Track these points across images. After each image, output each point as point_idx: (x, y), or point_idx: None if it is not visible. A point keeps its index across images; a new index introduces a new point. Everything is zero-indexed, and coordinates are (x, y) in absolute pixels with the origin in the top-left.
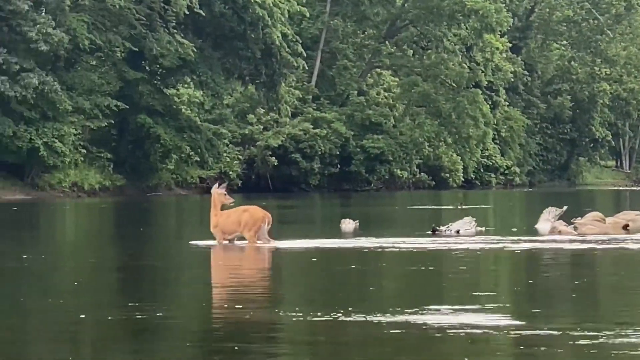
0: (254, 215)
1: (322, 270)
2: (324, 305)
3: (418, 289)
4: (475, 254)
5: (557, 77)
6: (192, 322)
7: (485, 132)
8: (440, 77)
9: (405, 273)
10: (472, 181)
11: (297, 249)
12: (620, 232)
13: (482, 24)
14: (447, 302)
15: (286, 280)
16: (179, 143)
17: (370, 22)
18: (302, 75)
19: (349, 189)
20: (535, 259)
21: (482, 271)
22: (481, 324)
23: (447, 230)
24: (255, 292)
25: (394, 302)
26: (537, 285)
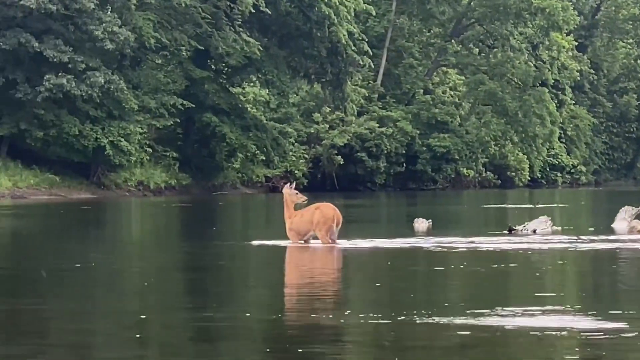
0: (325, 214)
1: (398, 270)
2: (393, 306)
3: (499, 289)
4: (557, 253)
5: (623, 76)
6: (259, 325)
7: (552, 130)
8: (507, 75)
9: (490, 273)
10: (538, 180)
11: (368, 249)
12: None
13: (549, 22)
14: (524, 303)
15: (357, 282)
16: (244, 142)
17: (436, 21)
18: (368, 74)
19: (414, 188)
20: (615, 259)
21: (563, 271)
22: (559, 326)
23: (524, 229)
24: (323, 294)
25: (474, 303)
26: (617, 286)
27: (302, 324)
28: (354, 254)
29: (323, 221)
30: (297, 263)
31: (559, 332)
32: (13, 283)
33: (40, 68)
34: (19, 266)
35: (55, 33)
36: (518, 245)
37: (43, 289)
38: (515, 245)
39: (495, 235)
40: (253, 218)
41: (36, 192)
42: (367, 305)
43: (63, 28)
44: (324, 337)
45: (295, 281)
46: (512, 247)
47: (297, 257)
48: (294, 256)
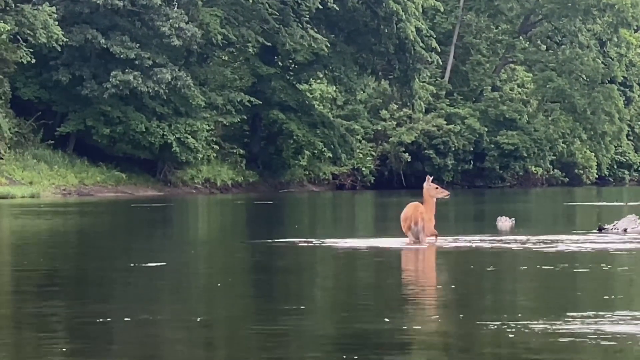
0: (404, 213)
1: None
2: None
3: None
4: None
5: None
6: (325, 329)
7: (621, 128)
8: (575, 72)
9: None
10: (605, 178)
11: (456, 248)
12: None
13: (618, 18)
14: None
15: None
16: (311, 139)
17: (504, 17)
18: (435, 71)
19: (482, 186)
20: None
21: None
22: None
23: (614, 228)
24: (423, 297)
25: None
26: None
27: (370, 329)
28: (447, 255)
29: (402, 220)
30: (377, 264)
31: None
32: (80, 284)
33: (107, 64)
34: (87, 265)
35: (121, 29)
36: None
37: (112, 291)
38: (621, 245)
39: (586, 234)
40: (324, 215)
41: (102, 190)
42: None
43: (130, 24)
44: (389, 342)
45: (358, 284)
46: (620, 246)
47: (372, 258)
48: (371, 257)
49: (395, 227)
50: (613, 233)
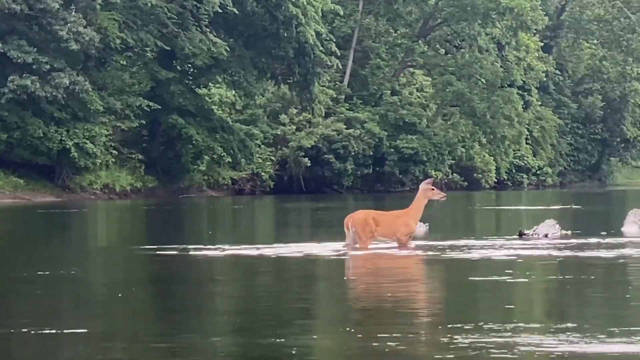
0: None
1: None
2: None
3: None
4: (596, 261)
5: (588, 77)
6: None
7: (520, 132)
8: (475, 76)
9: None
10: (504, 182)
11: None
12: None
13: (518, 22)
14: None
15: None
16: (211, 144)
17: (403, 21)
18: (335, 75)
19: (382, 190)
20: None
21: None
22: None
23: (534, 234)
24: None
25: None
26: None
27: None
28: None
29: (362, 224)
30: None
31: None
32: None
33: (4, 69)
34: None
35: (19, 33)
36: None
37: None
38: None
39: (508, 240)
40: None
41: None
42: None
43: (27, 28)
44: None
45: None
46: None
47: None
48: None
49: (302, 233)
50: (534, 238)
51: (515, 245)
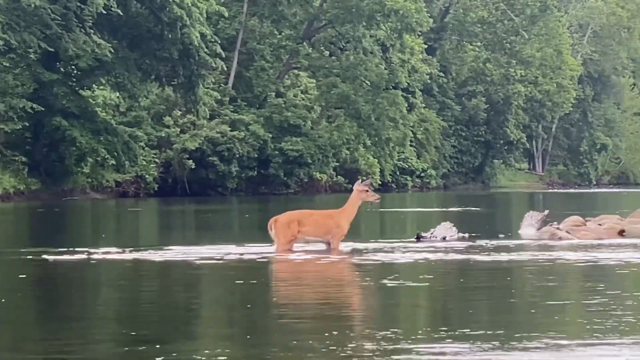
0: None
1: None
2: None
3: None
4: (505, 265)
5: (471, 79)
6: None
7: (405, 134)
8: (359, 78)
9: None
10: (388, 184)
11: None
12: (617, 237)
13: (402, 24)
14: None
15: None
16: (95, 146)
17: (287, 23)
18: (219, 77)
19: (267, 192)
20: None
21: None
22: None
23: (432, 236)
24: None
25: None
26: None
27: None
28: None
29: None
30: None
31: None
32: None
33: None
34: None
35: None
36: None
37: None
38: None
39: (406, 243)
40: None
41: None
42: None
43: None
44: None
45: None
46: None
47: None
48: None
49: (186, 235)
50: (431, 241)
51: (415, 248)
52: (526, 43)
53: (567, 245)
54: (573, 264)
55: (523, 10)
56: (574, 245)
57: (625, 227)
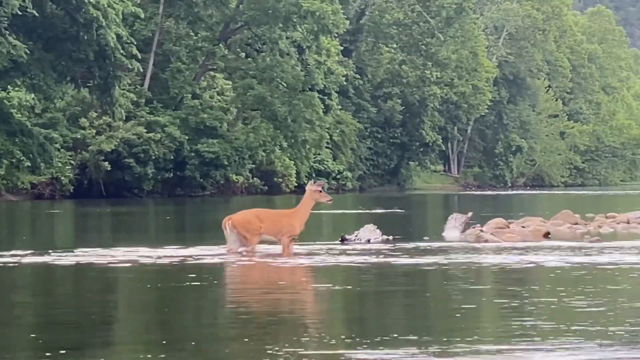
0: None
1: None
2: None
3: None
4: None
5: (387, 81)
6: None
7: (321, 136)
8: (276, 79)
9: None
10: (304, 186)
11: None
12: (542, 239)
13: (319, 25)
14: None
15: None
16: (10, 147)
17: (203, 24)
18: (135, 78)
19: (183, 194)
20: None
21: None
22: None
23: (357, 239)
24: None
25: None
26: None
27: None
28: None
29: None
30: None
31: None
32: None
33: None
34: None
35: None
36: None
37: None
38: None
39: (331, 245)
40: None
41: None
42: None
43: None
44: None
45: None
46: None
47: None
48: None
49: (104, 237)
50: (356, 243)
51: (342, 250)
52: (442, 45)
53: (494, 248)
54: (499, 266)
55: (439, 12)
56: (500, 248)
57: (550, 229)
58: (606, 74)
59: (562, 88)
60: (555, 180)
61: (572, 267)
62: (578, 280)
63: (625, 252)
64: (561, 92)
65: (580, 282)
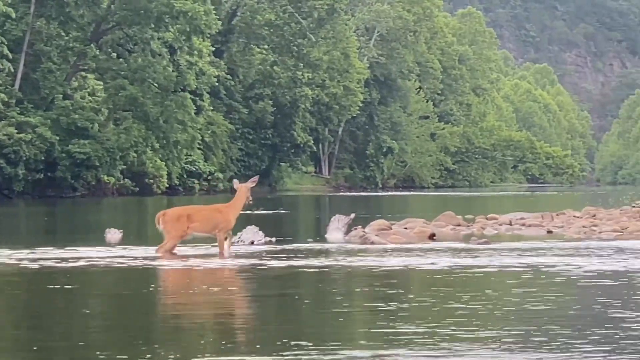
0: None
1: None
2: None
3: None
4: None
5: (258, 82)
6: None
7: (194, 136)
8: (148, 80)
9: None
10: (175, 187)
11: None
12: (428, 241)
13: (191, 26)
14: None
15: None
16: None
17: (75, 24)
18: (6, 79)
19: (53, 196)
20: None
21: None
22: None
23: (240, 241)
24: None
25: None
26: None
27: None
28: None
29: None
30: None
31: None
32: None
33: None
34: None
35: None
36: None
37: None
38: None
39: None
40: None
41: None
42: None
43: None
44: None
45: None
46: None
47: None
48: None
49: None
50: (240, 245)
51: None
52: (314, 46)
53: (381, 250)
54: (384, 269)
55: (310, 13)
56: (387, 250)
57: (435, 231)
58: (476, 76)
59: (432, 89)
60: (425, 181)
61: (460, 269)
62: (463, 283)
63: (513, 254)
64: (432, 93)
65: (464, 284)
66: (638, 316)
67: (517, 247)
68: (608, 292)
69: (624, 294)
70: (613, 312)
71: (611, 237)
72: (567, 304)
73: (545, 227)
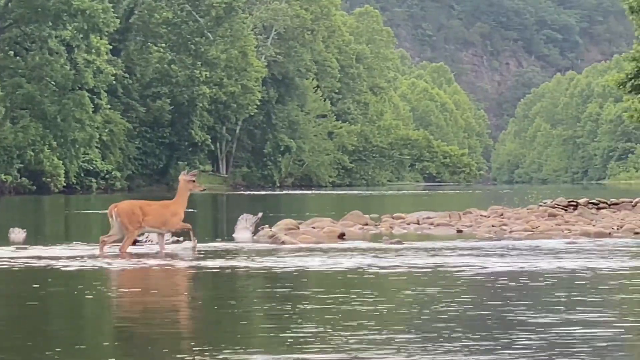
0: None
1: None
2: None
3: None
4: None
5: (156, 80)
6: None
7: (92, 135)
8: (45, 78)
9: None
10: (72, 186)
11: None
12: (337, 240)
13: (89, 24)
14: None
15: None
16: None
17: None
18: None
19: None
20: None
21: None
22: None
23: (147, 241)
24: None
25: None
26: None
27: None
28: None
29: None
30: None
31: None
32: None
33: None
34: None
35: None
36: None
37: None
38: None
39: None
40: None
41: None
42: None
43: None
44: None
45: None
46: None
47: None
48: None
49: None
50: (147, 245)
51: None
52: (211, 44)
53: (291, 250)
54: (296, 269)
55: (208, 11)
56: (298, 250)
57: (343, 230)
58: (374, 75)
59: (330, 88)
60: (323, 180)
61: (373, 269)
62: (370, 284)
63: (426, 254)
64: (329, 92)
65: (371, 285)
66: (537, 316)
67: (429, 247)
68: (521, 292)
69: (536, 295)
70: (518, 314)
71: (522, 237)
72: (474, 305)
73: (455, 227)
